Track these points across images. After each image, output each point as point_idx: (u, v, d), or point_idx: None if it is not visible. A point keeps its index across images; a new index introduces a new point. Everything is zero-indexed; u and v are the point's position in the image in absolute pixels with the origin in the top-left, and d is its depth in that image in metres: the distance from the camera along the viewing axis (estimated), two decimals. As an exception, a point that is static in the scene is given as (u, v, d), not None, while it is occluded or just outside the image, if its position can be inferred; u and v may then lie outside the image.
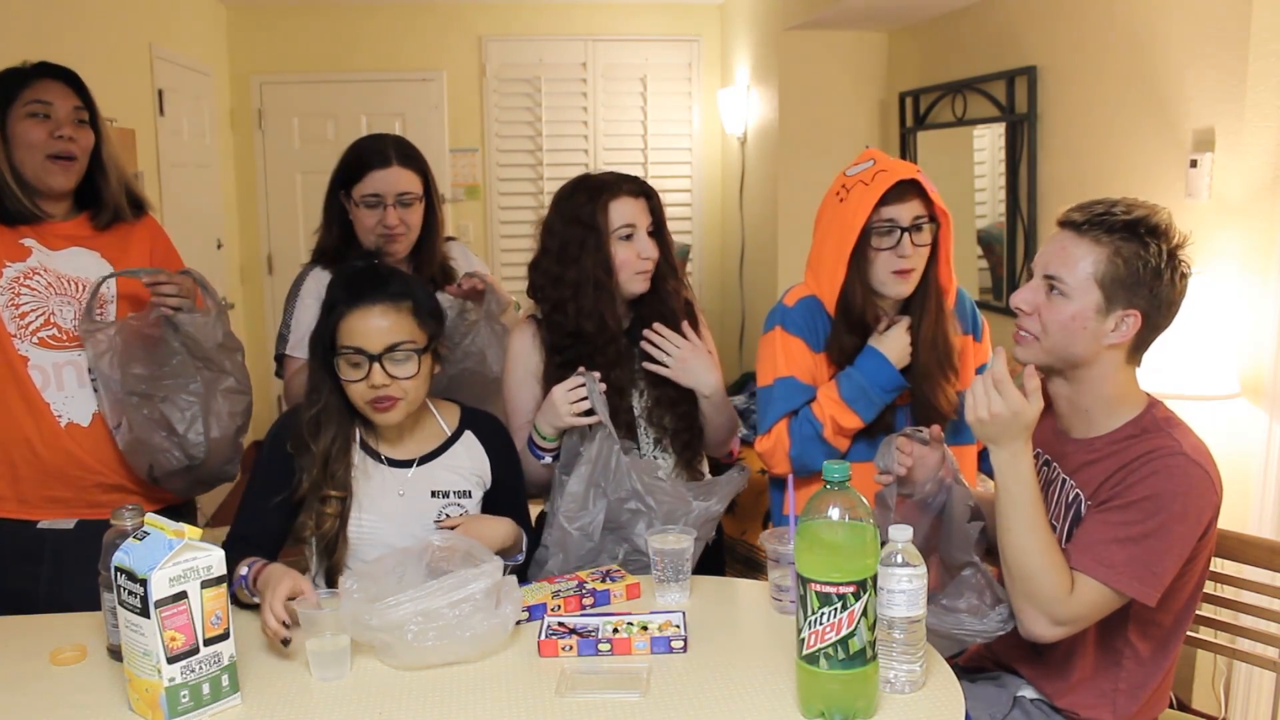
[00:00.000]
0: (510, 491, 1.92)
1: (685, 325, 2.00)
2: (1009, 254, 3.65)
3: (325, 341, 1.77)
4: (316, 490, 1.78)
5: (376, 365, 1.73)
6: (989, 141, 3.79)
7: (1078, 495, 1.61)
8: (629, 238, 1.97)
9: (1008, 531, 1.54)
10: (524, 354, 2.04)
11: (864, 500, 1.33)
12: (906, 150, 4.47)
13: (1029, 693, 1.69)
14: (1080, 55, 3.17)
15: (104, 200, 2.09)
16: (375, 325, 1.74)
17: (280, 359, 2.30)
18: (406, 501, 1.82)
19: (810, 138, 4.72)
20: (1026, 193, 3.50)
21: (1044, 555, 1.52)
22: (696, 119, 5.89)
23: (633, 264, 1.97)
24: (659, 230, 2.02)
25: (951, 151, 4.13)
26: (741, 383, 4.71)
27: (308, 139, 5.66)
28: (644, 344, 1.98)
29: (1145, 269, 1.53)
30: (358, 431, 1.84)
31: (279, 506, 1.79)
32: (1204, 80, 2.57)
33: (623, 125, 5.85)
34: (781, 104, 4.78)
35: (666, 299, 2.04)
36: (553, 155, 5.80)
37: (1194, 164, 2.56)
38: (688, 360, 1.98)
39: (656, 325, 1.99)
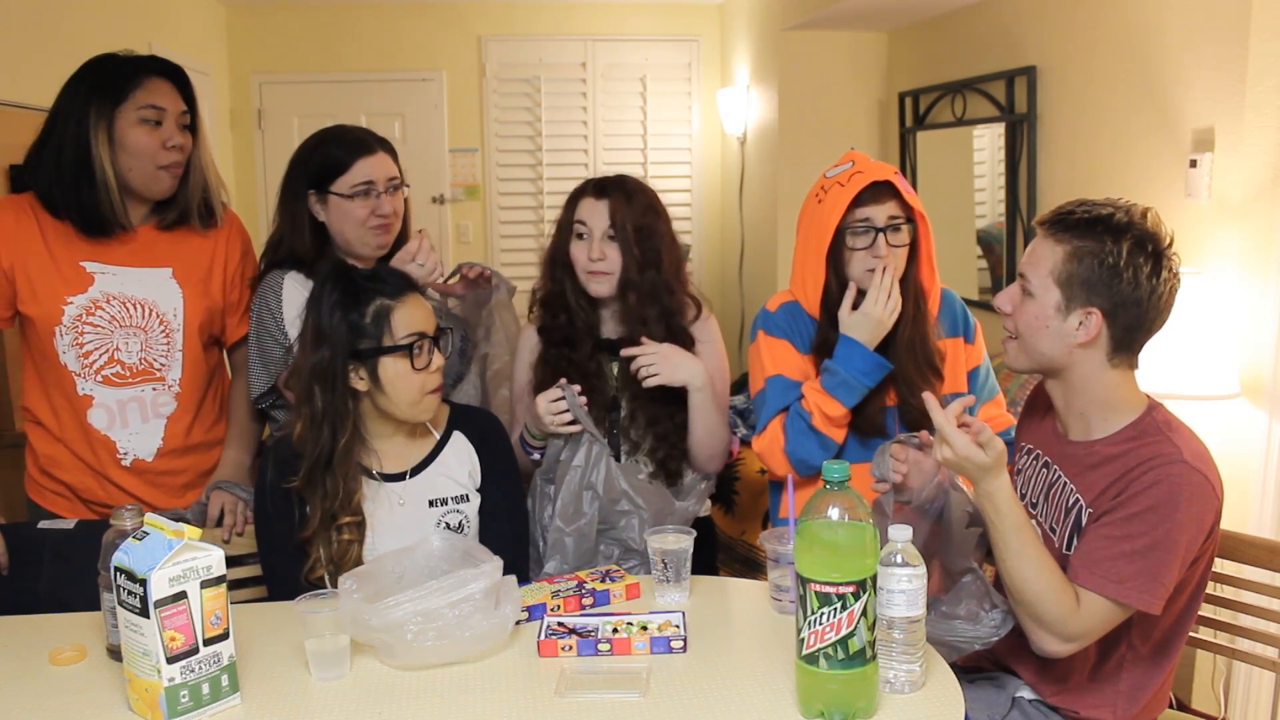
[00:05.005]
0: (499, 488, 1.89)
1: (644, 339, 2.01)
2: (1009, 254, 3.65)
3: (372, 345, 1.71)
4: (329, 523, 1.74)
5: (435, 347, 1.75)
6: (989, 141, 3.79)
7: (1078, 500, 1.61)
8: (582, 237, 2.03)
9: (1002, 561, 1.55)
10: (529, 338, 2.14)
11: (863, 500, 1.33)
12: (906, 150, 4.47)
13: (1028, 694, 1.69)
14: (1080, 55, 3.17)
15: (174, 199, 2.04)
16: (424, 308, 1.77)
17: (276, 388, 2.07)
18: (407, 512, 1.81)
19: (810, 138, 4.72)
20: (1026, 193, 3.50)
21: (1042, 579, 1.51)
22: (696, 119, 5.89)
23: (582, 263, 2.03)
24: (620, 236, 2.00)
25: (951, 151, 4.12)
26: (741, 382, 4.71)
27: (307, 139, 5.65)
28: (632, 368, 1.99)
29: (1101, 267, 1.53)
30: None
31: (300, 545, 1.77)
32: (1204, 80, 2.57)
33: (622, 125, 5.84)
34: (781, 104, 4.78)
35: (629, 311, 2.04)
36: (552, 155, 5.80)
37: (1194, 164, 2.56)
38: (669, 357, 1.98)
39: (625, 349, 2.01)
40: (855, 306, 1.92)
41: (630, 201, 2.02)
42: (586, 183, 2.08)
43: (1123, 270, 1.53)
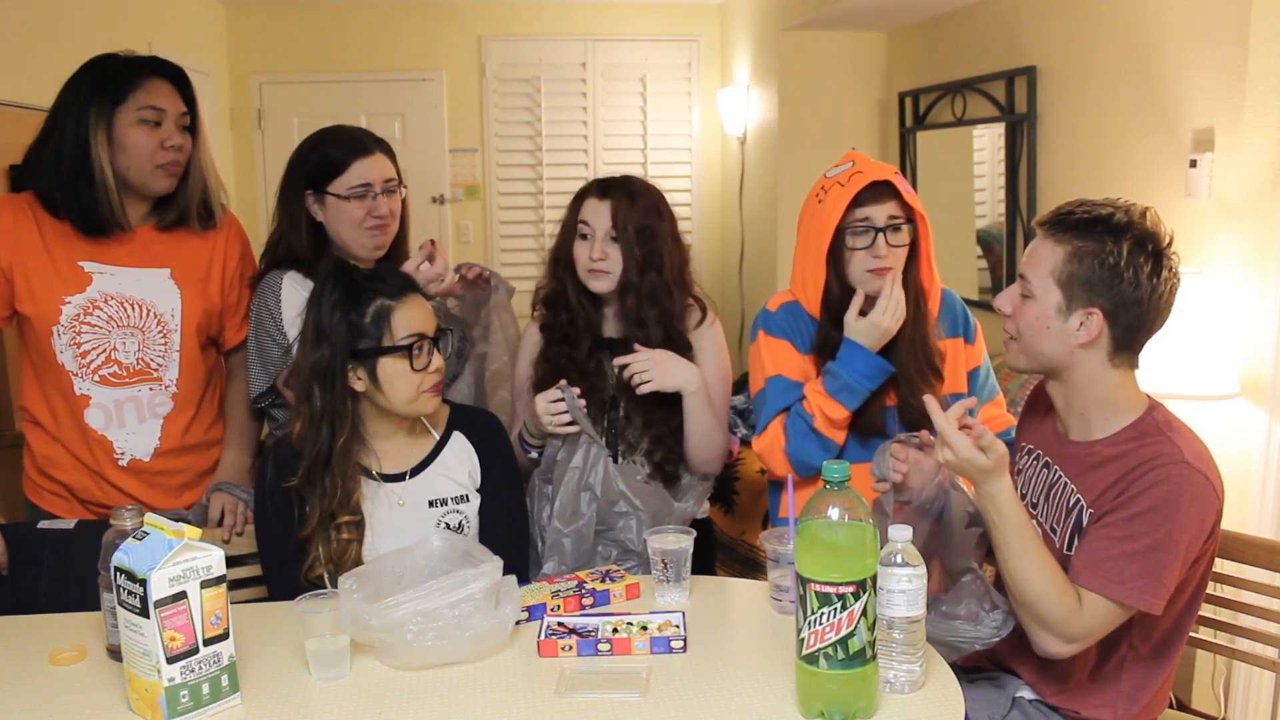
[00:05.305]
0: (499, 489, 1.89)
1: (636, 345, 2.01)
2: (1009, 254, 3.65)
3: (371, 345, 1.72)
4: (328, 522, 1.74)
5: (435, 348, 1.75)
6: (989, 141, 3.79)
7: (1079, 500, 1.61)
8: (585, 237, 2.04)
9: (1004, 562, 1.55)
10: (531, 336, 2.15)
11: (863, 500, 1.33)
12: (906, 150, 4.47)
13: (1028, 694, 1.69)
14: (1080, 55, 3.17)
15: (174, 200, 2.04)
16: (425, 309, 1.78)
17: (275, 388, 2.08)
18: (407, 512, 1.81)
19: (810, 138, 4.72)
20: (1026, 193, 3.50)
21: (1044, 580, 1.51)
22: (696, 119, 5.89)
23: (583, 262, 2.04)
24: (621, 236, 2.01)
25: (951, 151, 4.12)
26: (741, 382, 4.71)
27: (307, 139, 5.64)
28: (625, 375, 2.00)
29: (1102, 267, 1.53)
30: None
31: (299, 544, 1.77)
32: (1204, 80, 2.57)
33: (622, 125, 5.84)
34: (781, 104, 4.78)
35: (627, 312, 2.05)
36: (552, 155, 5.80)
37: (1194, 164, 2.56)
38: (662, 363, 1.98)
39: (618, 358, 2.01)
40: (862, 312, 1.92)
41: (633, 202, 2.02)
42: (591, 182, 2.09)
43: (1123, 270, 1.53)
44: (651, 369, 1.97)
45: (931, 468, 1.69)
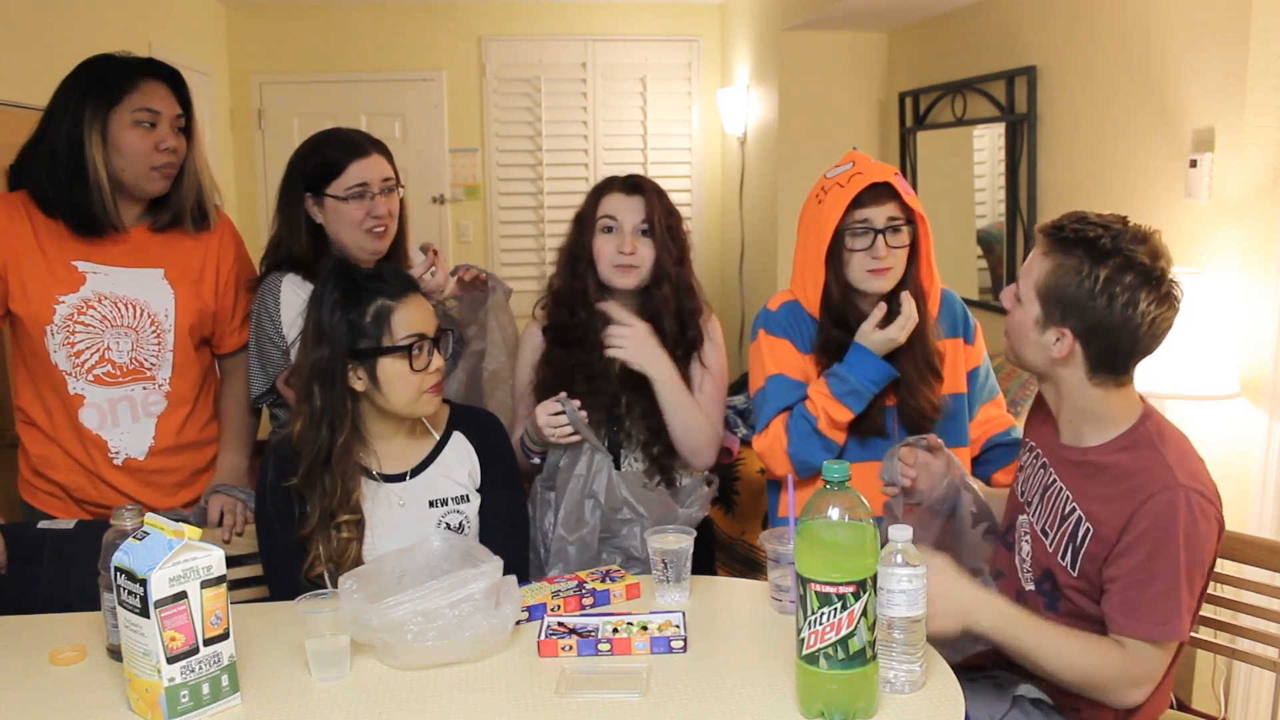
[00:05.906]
0: (499, 489, 1.89)
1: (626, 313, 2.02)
2: (1009, 254, 3.66)
3: (371, 345, 1.72)
4: (328, 521, 1.74)
5: (435, 349, 1.75)
6: (989, 142, 3.79)
7: (1074, 509, 1.61)
8: (610, 230, 2.04)
9: (1040, 662, 1.53)
10: (532, 337, 2.15)
11: (864, 500, 1.34)
12: (906, 150, 4.47)
13: (1028, 692, 1.69)
14: (1080, 55, 3.17)
15: (168, 201, 2.04)
16: (425, 309, 1.77)
17: (274, 389, 2.10)
18: (407, 512, 1.81)
19: (810, 138, 4.72)
20: (1026, 193, 3.50)
21: (1081, 657, 1.50)
22: (696, 119, 5.89)
23: (610, 256, 2.03)
24: (654, 231, 2.03)
25: (951, 151, 4.12)
26: (741, 382, 4.71)
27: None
28: (604, 335, 2.00)
29: (1077, 289, 1.52)
30: None
31: (300, 544, 1.77)
32: (1204, 80, 2.57)
33: (623, 125, 5.84)
34: (781, 104, 4.78)
35: (655, 303, 2.05)
36: (552, 155, 5.80)
37: (1194, 164, 2.56)
38: (638, 338, 1.99)
39: (610, 305, 2.01)
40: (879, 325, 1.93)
41: (660, 198, 2.07)
42: (611, 179, 2.10)
43: (1097, 295, 1.51)
44: (628, 340, 1.98)
45: (940, 469, 1.69)
